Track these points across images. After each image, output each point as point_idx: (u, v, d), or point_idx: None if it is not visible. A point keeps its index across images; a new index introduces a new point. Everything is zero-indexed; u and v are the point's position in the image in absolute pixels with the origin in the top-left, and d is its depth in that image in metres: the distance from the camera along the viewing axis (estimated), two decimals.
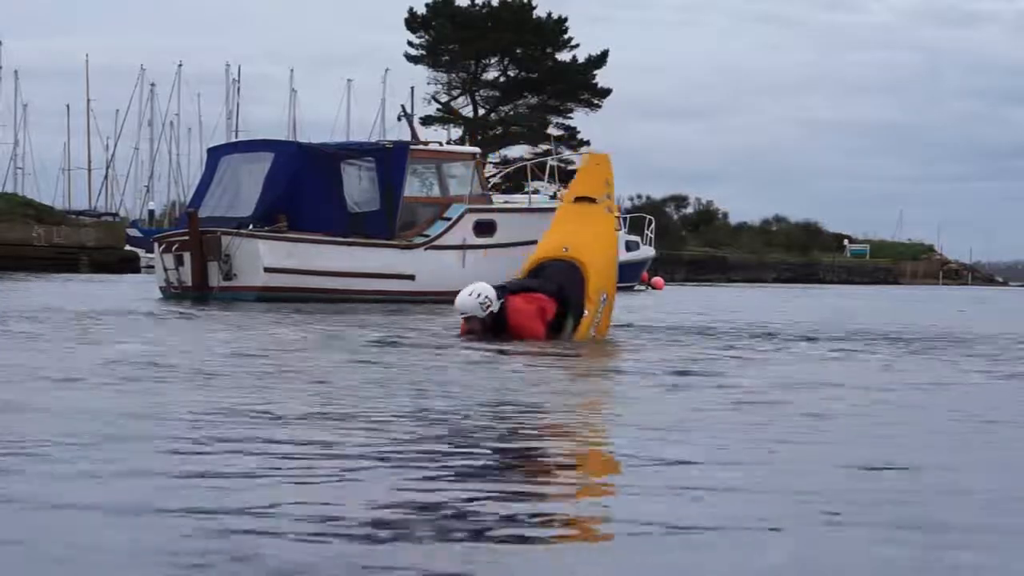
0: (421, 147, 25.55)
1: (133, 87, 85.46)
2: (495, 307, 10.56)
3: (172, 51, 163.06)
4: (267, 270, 21.91)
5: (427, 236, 24.02)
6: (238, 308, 18.49)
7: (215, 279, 22.07)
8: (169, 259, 22.64)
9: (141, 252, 56.58)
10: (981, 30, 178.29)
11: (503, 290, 10.73)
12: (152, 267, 53.12)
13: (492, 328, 10.54)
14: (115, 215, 70.32)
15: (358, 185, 23.67)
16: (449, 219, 24.53)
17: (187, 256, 22.31)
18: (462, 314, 10.64)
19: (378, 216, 23.44)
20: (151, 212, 75.55)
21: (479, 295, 10.58)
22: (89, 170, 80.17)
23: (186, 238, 22.41)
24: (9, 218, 52.09)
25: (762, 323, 15.52)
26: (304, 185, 22.78)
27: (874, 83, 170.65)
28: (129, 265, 52.63)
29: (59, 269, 47.20)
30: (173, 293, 22.40)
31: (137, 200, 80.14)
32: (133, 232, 62.25)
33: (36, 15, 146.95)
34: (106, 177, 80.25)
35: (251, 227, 22.46)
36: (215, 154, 24.63)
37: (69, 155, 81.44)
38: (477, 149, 29.46)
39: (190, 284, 22.18)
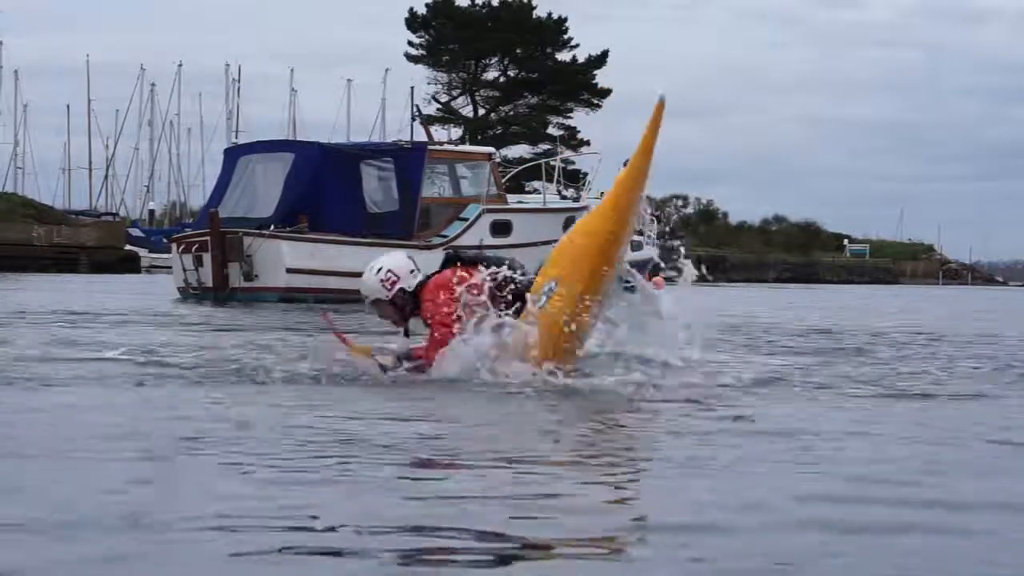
0: (436, 147, 25.66)
1: (133, 87, 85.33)
2: (408, 283, 7.61)
3: (172, 51, 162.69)
4: (289, 271, 21.90)
5: (445, 236, 24.02)
6: (278, 309, 18.45)
7: (235, 280, 22.04)
8: (188, 259, 22.60)
9: (142, 252, 56.54)
10: (983, 28, 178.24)
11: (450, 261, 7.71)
12: (153, 267, 53.43)
13: (411, 314, 7.67)
14: (115, 215, 70.14)
15: (377, 185, 23.71)
16: (466, 220, 24.58)
17: (206, 257, 22.29)
18: (365, 297, 7.66)
19: (397, 216, 23.46)
20: (151, 212, 75.45)
21: (379, 270, 7.63)
22: (89, 170, 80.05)
23: (205, 238, 22.39)
24: (9, 218, 52.05)
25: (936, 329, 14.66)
26: (325, 185, 22.80)
27: (875, 81, 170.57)
28: (129, 265, 52.55)
29: (59, 269, 47.16)
30: (192, 293, 22.36)
31: (137, 200, 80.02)
32: (135, 232, 62.15)
33: (36, 15, 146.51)
34: (106, 177, 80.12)
35: (272, 228, 22.45)
36: (232, 155, 24.65)
37: (69, 155, 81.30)
38: (492, 149, 29.46)
39: (210, 285, 22.14)
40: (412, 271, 7.67)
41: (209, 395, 6.45)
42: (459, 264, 7.59)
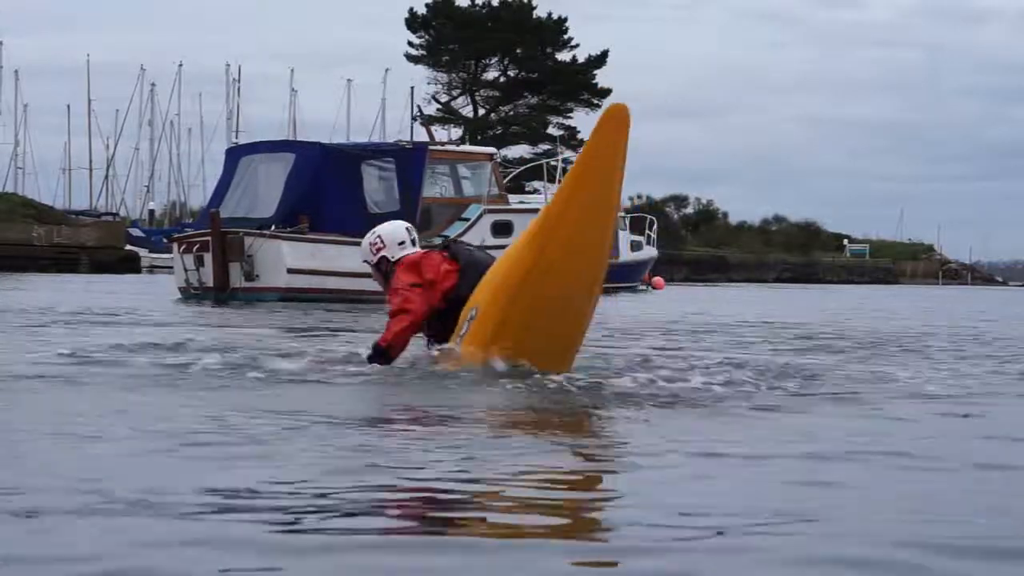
0: (438, 148, 25.69)
1: (133, 87, 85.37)
2: (391, 253, 7.64)
3: (172, 50, 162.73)
4: (290, 271, 21.93)
5: (446, 237, 24.03)
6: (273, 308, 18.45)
7: (236, 280, 22.06)
8: (189, 259, 22.62)
9: (142, 252, 56.57)
10: (983, 28, 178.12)
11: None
12: (153, 267, 53.40)
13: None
14: (115, 215, 70.12)
15: (378, 186, 23.73)
16: (467, 220, 24.62)
17: (207, 256, 22.31)
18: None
19: (398, 217, 23.43)
20: (151, 212, 75.52)
21: (372, 235, 7.79)
22: (90, 170, 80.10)
23: (206, 238, 22.41)
24: (9, 218, 52.02)
25: None
26: (325, 186, 22.84)
27: (875, 82, 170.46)
28: (129, 265, 52.55)
29: (59, 269, 47.13)
30: (193, 293, 22.38)
31: (137, 200, 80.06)
32: (135, 232, 62.18)
33: (36, 15, 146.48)
34: (106, 177, 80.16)
35: (273, 228, 22.50)
36: (234, 155, 24.70)
37: (69, 155, 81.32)
38: (493, 149, 29.54)
39: (211, 285, 22.17)
40: (401, 243, 7.66)
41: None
42: (443, 252, 7.58)
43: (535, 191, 30.36)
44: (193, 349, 8.45)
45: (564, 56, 72.26)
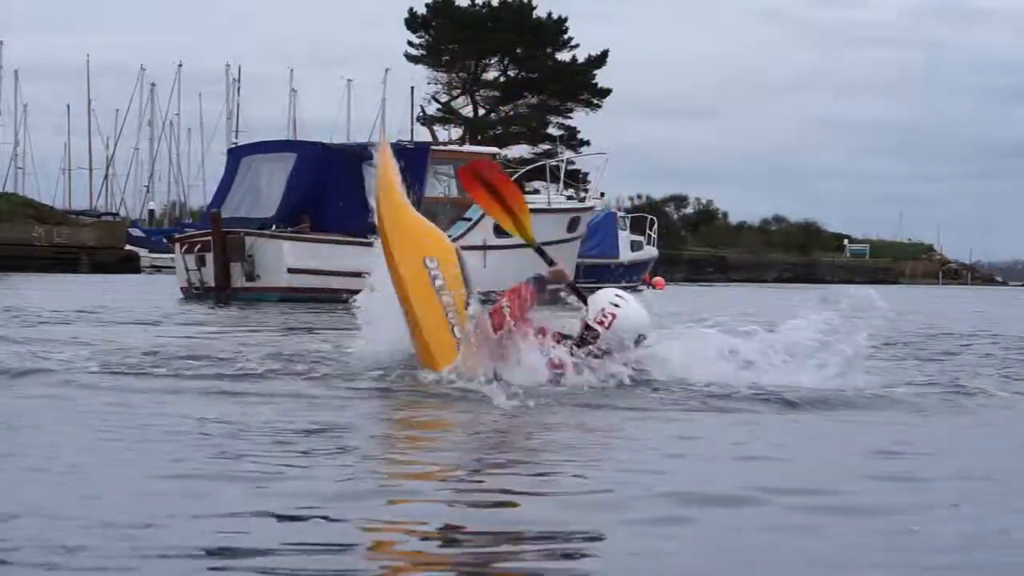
0: (440, 148, 25.70)
1: (133, 87, 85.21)
2: (591, 317, 7.52)
3: (172, 51, 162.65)
4: (290, 271, 21.92)
5: (448, 236, 23.99)
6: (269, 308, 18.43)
7: (237, 280, 22.05)
8: (191, 259, 22.61)
9: (142, 252, 56.58)
10: (983, 28, 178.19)
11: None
12: (153, 267, 53.37)
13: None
14: (115, 215, 70.13)
15: None
16: (470, 220, 24.60)
17: (209, 256, 22.29)
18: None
19: None
20: (151, 212, 75.52)
21: (612, 305, 7.52)
22: (90, 170, 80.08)
23: (208, 238, 22.39)
24: (9, 218, 52.04)
25: None
26: (327, 186, 22.83)
27: (875, 81, 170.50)
28: (129, 265, 52.58)
29: (60, 269, 47.15)
30: (195, 293, 22.37)
31: (137, 200, 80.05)
32: (135, 232, 62.18)
33: (36, 15, 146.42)
34: (106, 177, 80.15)
35: (274, 228, 22.51)
36: (236, 155, 24.72)
37: (69, 155, 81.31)
38: (495, 150, 29.53)
39: (212, 285, 22.16)
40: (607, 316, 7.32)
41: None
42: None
43: (536, 191, 30.39)
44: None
45: (564, 56, 72.18)
